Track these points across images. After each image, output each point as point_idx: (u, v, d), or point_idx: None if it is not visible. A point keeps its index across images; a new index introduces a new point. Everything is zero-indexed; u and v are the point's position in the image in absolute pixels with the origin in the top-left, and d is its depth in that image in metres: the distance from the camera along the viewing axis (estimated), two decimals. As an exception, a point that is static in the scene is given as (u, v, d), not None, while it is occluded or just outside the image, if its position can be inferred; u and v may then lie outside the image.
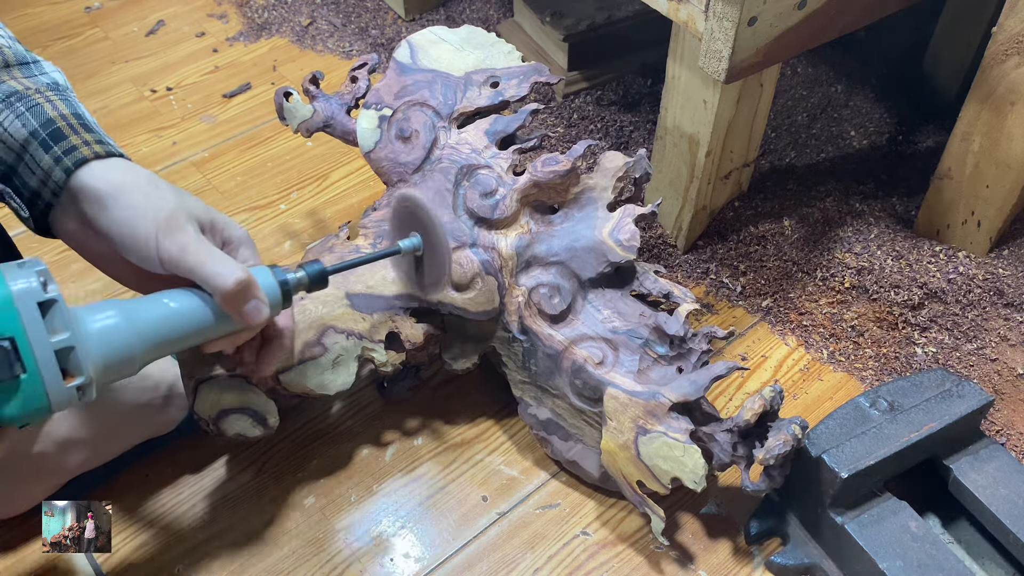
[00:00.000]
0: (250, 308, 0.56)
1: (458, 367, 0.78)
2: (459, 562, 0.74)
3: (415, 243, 0.68)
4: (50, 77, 0.60)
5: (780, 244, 0.97)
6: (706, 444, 0.69)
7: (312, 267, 0.60)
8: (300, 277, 0.60)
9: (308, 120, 0.84)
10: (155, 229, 0.53)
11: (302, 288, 0.60)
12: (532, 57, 1.20)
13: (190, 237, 0.54)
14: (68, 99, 0.58)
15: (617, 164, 0.77)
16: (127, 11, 1.35)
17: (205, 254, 0.54)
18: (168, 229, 0.54)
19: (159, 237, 0.53)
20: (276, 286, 0.58)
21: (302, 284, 0.60)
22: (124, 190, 0.54)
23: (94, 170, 0.54)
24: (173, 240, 0.53)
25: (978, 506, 0.70)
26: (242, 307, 0.55)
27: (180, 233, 0.54)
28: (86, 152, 0.55)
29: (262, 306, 0.56)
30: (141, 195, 0.54)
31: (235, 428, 0.68)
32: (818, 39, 0.80)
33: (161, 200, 0.54)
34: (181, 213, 0.55)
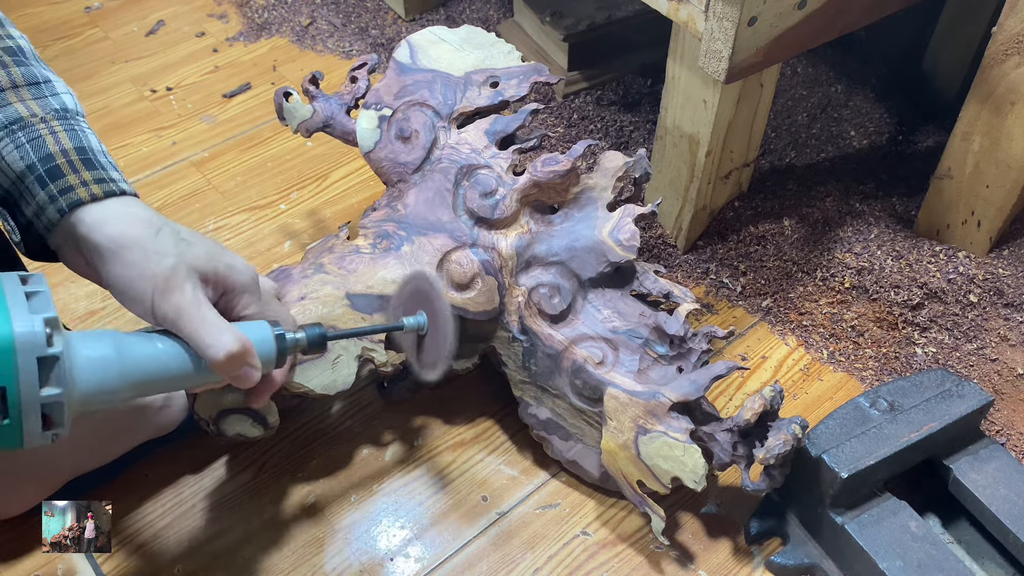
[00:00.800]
0: (241, 374, 0.55)
1: (458, 367, 0.78)
2: (459, 562, 0.74)
3: (420, 322, 0.66)
4: (60, 100, 0.58)
5: (780, 244, 0.97)
6: (706, 444, 0.69)
7: (312, 331, 0.60)
8: (299, 339, 0.59)
9: (308, 120, 0.84)
10: (152, 289, 0.53)
11: (298, 350, 0.60)
12: (532, 57, 1.20)
13: (187, 299, 0.53)
14: (74, 128, 0.57)
15: (617, 164, 0.77)
16: (127, 11, 1.35)
17: (199, 321, 0.53)
18: (165, 290, 0.53)
19: (155, 298, 0.53)
20: (272, 344, 0.57)
21: (299, 346, 0.59)
22: (123, 245, 0.53)
23: (91, 217, 0.53)
24: (169, 302, 0.53)
25: (978, 506, 0.70)
26: (233, 374, 0.55)
27: (177, 294, 0.53)
28: (82, 194, 0.53)
29: (252, 372, 0.56)
30: (140, 251, 0.53)
31: (235, 428, 0.68)
32: (818, 39, 0.80)
33: (160, 256, 0.53)
34: (180, 271, 0.54)
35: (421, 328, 0.66)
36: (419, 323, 0.66)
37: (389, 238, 0.75)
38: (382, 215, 0.78)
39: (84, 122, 0.59)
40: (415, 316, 0.66)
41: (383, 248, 0.75)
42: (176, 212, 1.03)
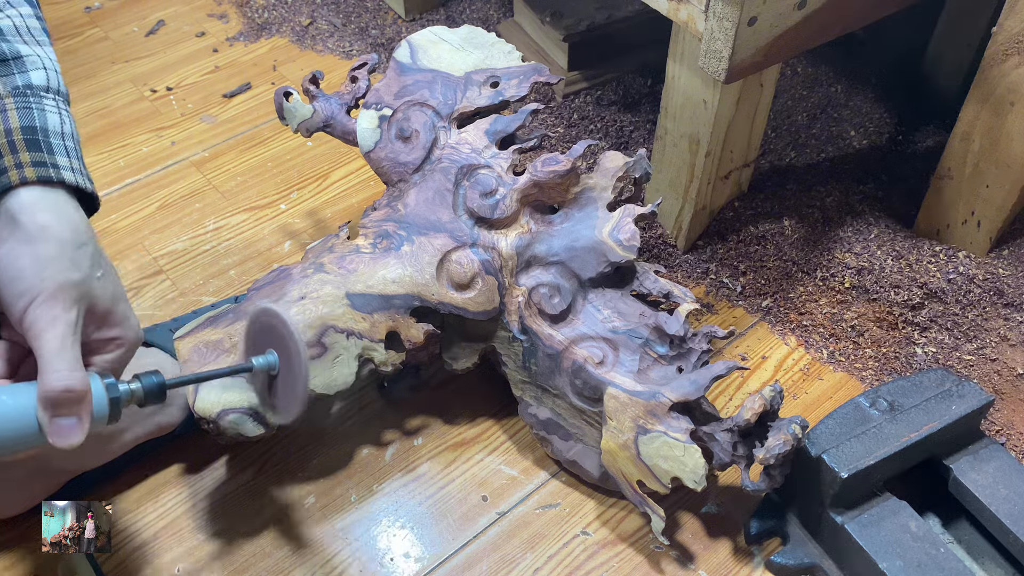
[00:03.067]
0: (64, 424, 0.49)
1: (458, 367, 0.78)
2: (459, 562, 0.74)
3: (270, 361, 0.61)
4: (27, 78, 0.55)
5: (780, 244, 0.97)
6: (706, 444, 0.69)
7: (148, 380, 0.54)
8: (134, 389, 0.53)
9: (308, 120, 0.84)
10: (39, 291, 0.48)
11: (134, 401, 0.54)
12: (532, 57, 1.20)
13: (62, 320, 0.49)
14: (31, 107, 0.53)
15: (617, 164, 0.77)
16: (127, 11, 1.35)
17: (60, 343, 0.48)
18: (50, 297, 0.49)
19: (36, 300, 0.48)
20: (104, 398, 0.51)
21: (135, 397, 0.54)
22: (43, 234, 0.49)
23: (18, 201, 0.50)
24: (45, 311, 0.48)
25: (978, 506, 0.70)
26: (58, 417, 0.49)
27: (57, 309, 0.49)
28: (13, 177, 0.50)
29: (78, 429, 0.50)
30: (54, 248, 0.49)
31: (235, 428, 0.68)
32: (818, 39, 0.80)
33: (69, 266, 0.49)
34: (77, 291, 0.50)
35: (272, 368, 0.61)
36: (269, 363, 0.61)
37: (389, 238, 0.75)
38: (382, 215, 0.78)
39: (51, 100, 0.55)
40: (265, 356, 0.61)
41: (383, 248, 0.75)
42: (176, 212, 1.03)
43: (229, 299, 0.88)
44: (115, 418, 0.53)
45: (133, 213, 1.03)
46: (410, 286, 0.73)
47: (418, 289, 0.73)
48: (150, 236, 1.00)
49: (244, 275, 0.96)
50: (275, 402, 0.63)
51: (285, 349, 0.60)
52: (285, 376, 0.61)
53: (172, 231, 1.01)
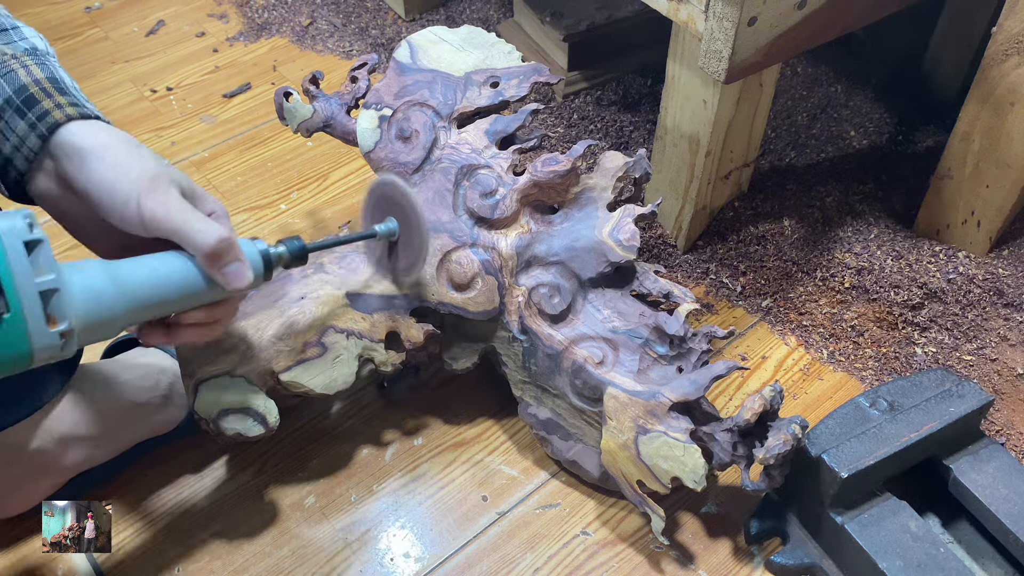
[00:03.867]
0: (232, 270, 0.54)
1: (458, 367, 0.78)
2: (459, 562, 0.74)
3: (391, 228, 0.67)
4: (29, 43, 0.59)
5: (780, 244, 0.97)
6: (706, 444, 0.69)
7: (292, 243, 0.60)
8: (281, 252, 0.59)
9: (308, 120, 0.84)
10: (138, 188, 0.52)
11: (282, 262, 0.60)
12: (532, 57, 1.20)
13: (173, 198, 0.53)
14: (45, 63, 0.57)
15: (617, 164, 0.77)
16: (127, 11, 1.35)
17: (189, 213, 0.53)
18: (151, 189, 0.52)
19: (142, 196, 0.52)
20: (258, 256, 0.57)
21: (282, 258, 0.59)
22: (108, 148, 0.53)
23: (72, 130, 0.54)
24: (156, 199, 0.52)
25: (978, 506, 0.70)
26: (224, 267, 0.54)
27: (163, 193, 0.53)
28: (58, 116, 0.54)
29: (244, 269, 0.55)
30: (125, 154, 0.53)
31: (235, 428, 0.68)
32: (818, 39, 0.80)
33: (145, 161, 0.54)
34: (165, 177, 0.54)
35: (393, 234, 0.67)
36: (390, 229, 0.67)
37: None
38: (382, 215, 0.78)
39: (55, 60, 0.59)
40: (385, 223, 0.67)
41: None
42: (176, 212, 1.03)
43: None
44: (268, 276, 0.58)
45: (133, 213, 1.03)
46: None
47: (418, 289, 0.73)
48: (150, 236, 1.00)
49: (244, 275, 0.96)
50: (397, 265, 0.69)
51: (404, 215, 0.66)
52: (404, 239, 0.67)
53: (172, 231, 1.01)
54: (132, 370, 0.75)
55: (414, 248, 0.67)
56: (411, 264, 0.68)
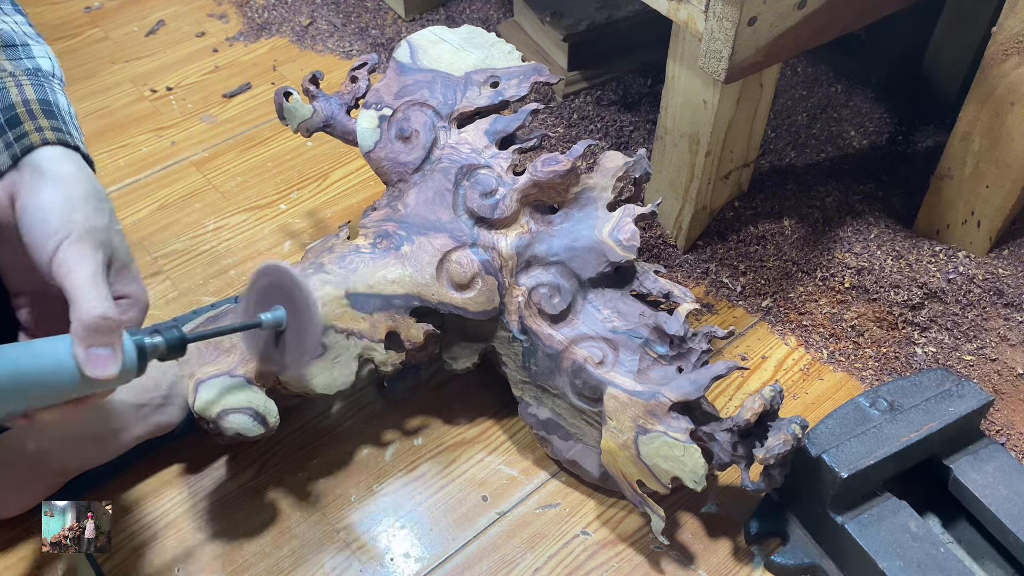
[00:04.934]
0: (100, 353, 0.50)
1: (458, 367, 0.78)
2: (459, 562, 0.74)
3: (278, 317, 0.63)
4: (35, 62, 0.57)
5: (780, 244, 0.97)
6: (706, 444, 0.69)
7: (170, 333, 0.55)
8: (157, 343, 0.54)
9: (308, 120, 0.84)
10: (67, 232, 0.50)
11: (157, 354, 0.55)
12: (532, 57, 1.20)
13: (91, 258, 0.50)
14: (43, 85, 0.56)
15: (617, 164, 0.77)
16: (127, 11, 1.35)
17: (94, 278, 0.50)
18: (79, 238, 0.50)
19: (67, 240, 0.50)
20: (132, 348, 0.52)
21: (158, 349, 0.54)
22: (69, 180, 0.51)
23: (42, 156, 0.52)
24: (74, 250, 0.50)
25: (978, 506, 0.70)
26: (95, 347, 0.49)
27: (87, 249, 0.50)
28: (35, 139, 0.52)
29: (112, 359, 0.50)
30: (80, 196, 0.51)
31: (235, 428, 0.67)
32: (818, 39, 0.80)
33: (94, 211, 0.51)
34: (101, 236, 0.51)
35: (280, 324, 0.63)
36: (277, 318, 0.63)
37: (389, 238, 0.76)
38: (382, 215, 0.78)
39: (58, 84, 0.58)
40: (272, 312, 0.63)
41: (383, 248, 0.75)
42: (176, 212, 1.03)
43: (229, 299, 0.89)
44: (142, 370, 0.54)
45: (133, 213, 1.03)
46: (410, 286, 0.73)
47: (418, 289, 0.73)
48: (150, 236, 1.00)
49: (244, 275, 0.96)
50: (284, 357, 0.64)
51: (293, 304, 0.62)
52: (294, 330, 0.63)
53: (172, 231, 1.01)
54: None
55: (303, 339, 0.62)
56: (299, 356, 0.63)
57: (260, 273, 0.65)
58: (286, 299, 0.63)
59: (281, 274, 0.63)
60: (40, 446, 0.68)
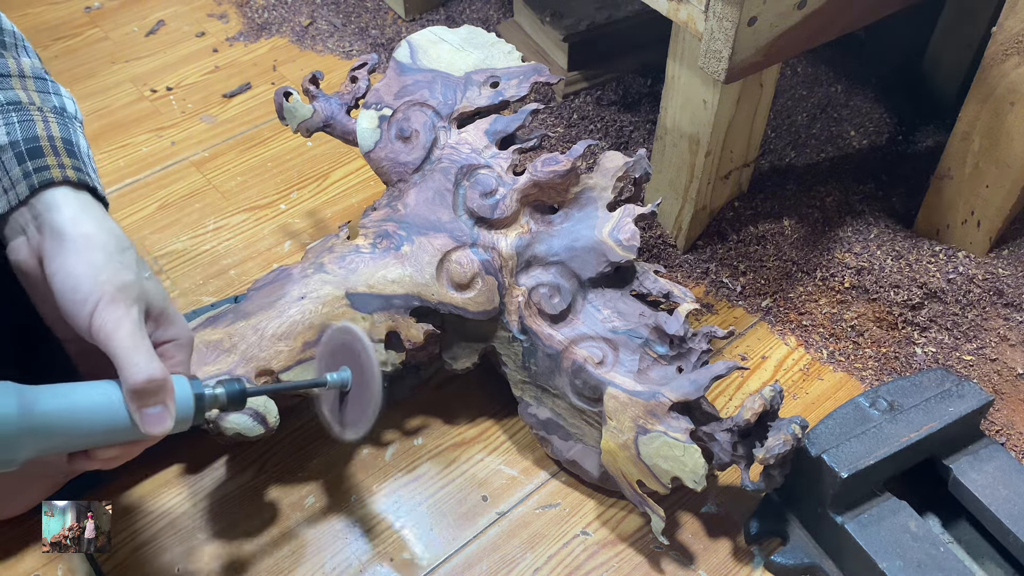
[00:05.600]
0: (153, 412, 0.51)
1: (458, 367, 0.78)
2: (459, 562, 0.74)
3: (344, 378, 0.62)
4: (61, 100, 0.58)
5: (780, 244, 0.97)
6: (706, 444, 0.69)
7: (231, 386, 0.56)
8: (219, 394, 0.55)
9: (308, 120, 0.84)
10: (99, 295, 0.50)
11: (217, 405, 0.55)
12: (532, 57, 1.20)
13: (128, 318, 0.50)
14: (67, 126, 0.56)
15: (617, 164, 0.77)
16: (127, 11, 1.35)
17: (136, 340, 0.50)
18: (111, 300, 0.50)
19: (100, 304, 0.50)
20: (190, 397, 0.53)
21: (218, 401, 0.55)
22: (87, 241, 0.51)
23: (62, 201, 0.52)
24: (110, 314, 0.50)
25: (978, 506, 0.70)
26: (145, 408, 0.51)
27: (121, 309, 0.50)
28: (56, 174, 0.52)
29: (167, 415, 0.51)
30: (103, 254, 0.51)
31: (235, 428, 0.68)
32: (818, 39, 0.80)
33: (121, 268, 0.51)
34: (134, 291, 0.51)
35: (345, 385, 0.63)
36: (343, 379, 0.62)
37: (389, 238, 0.76)
38: (382, 215, 0.78)
39: (79, 127, 0.58)
40: (339, 372, 0.63)
41: (383, 248, 0.75)
42: (176, 212, 1.03)
43: (229, 299, 0.89)
44: (200, 418, 0.54)
45: (133, 213, 1.03)
46: (410, 286, 0.73)
47: (418, 289, 0.73)
48: (150, 236, 1.00)
49: (244, 275, 0.96)
50: (344, 418, 0.64)
51: (359, 367, 0.62)
52: (357, 393, 0.62)
53: (172, 231, 1.01)
54: None
55: (364, 403, 0.62)
56: (359, 420, 0.63)
57: (333, 332, 0.64)
58: (355, 361, 0.62)
59: (352, 336, 0.62)
60: None
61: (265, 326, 0.70)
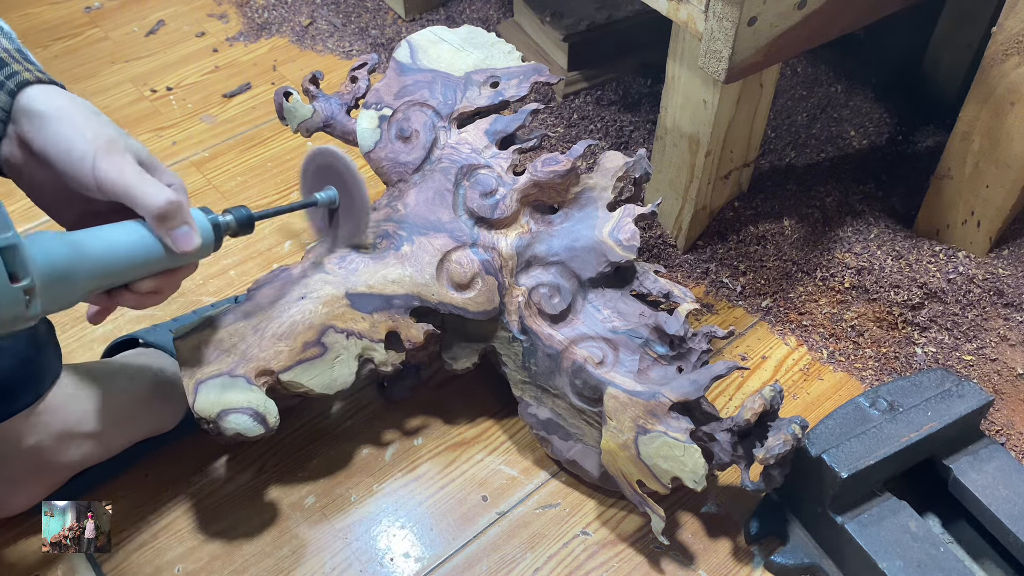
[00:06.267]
0: (181, 232, 0.57)
1: (458, 367, 0.78)
2: (459, 562, 0.74)
3: (331, 195, 0.71)
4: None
5: (780, 244, 0.97)
6: (706, 444, 0.69)
7: (239, 211, 0.63)
8: (228, 220, 0.63)
9: (308, 120, 0.84)
10: (94, 149, 0.54)
11: (230, 231, 0.63)
12: (532, 57, 1.20)
13: (127, 162, 0.55)
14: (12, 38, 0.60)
15: (617, 164, 0.77)
16: (127, 11, 1.35)
17: (140, 177, 0.55)
18: (107, 151, 0.54)
19: (97, 157, 0.54)
20: (207, 223, 0.60)
21: (230, 226, 0.63)
22: (67, 110, 0.55)
23: (36, 93, 0.55)
24: (111, 162, 0.54)
25: (978, 506, 0.70)
26: (173, 230, 0.57)
27: (118, 156, 0.55)
28: (28, 76, 0.55)
29: (192, 233, 0.58)
30: (83, 117, 0.55)
31: (235, 428, 0.67)
32: (818, 39, 0.80)
33: (103, 126, 0.55)
34: (120, 142, 0.55)
35: (333, 202, 0.71)
36: (330, 197, 0.71)
37: (389, 238, 0.76)
38: (382, 215, 0.78)
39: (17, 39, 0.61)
40: (325, 191, 0.71)
41: (383, 248, 0.75)
42: (176, 212, 1.03)
43: (229, 299, 0.89)
44: (218, 245, 0.62)
45: (133, 213, 1.03)
46: (410, 286, 0.73)
47: (418, 289, 0.73)
48: (150, 236, 1.00)
49: (244, 275, 0.96)
50: (337, 232, 0.73)
51: (343, 183, 0.70)
52: (346, 206, 0.71)
53: (172, 231, 1.01)
54: (130, 367, 0.75)
55: (355, 213, 0.71)
56: (352, 230, 0.72)
57: (311, 156, 0.72)
58: (337, 179, 0.70)
59: (331, 155, 0.70)
60: (39, 442, 0.68)
61: (265, 326, 0.70)
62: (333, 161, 0.70)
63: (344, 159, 0.69)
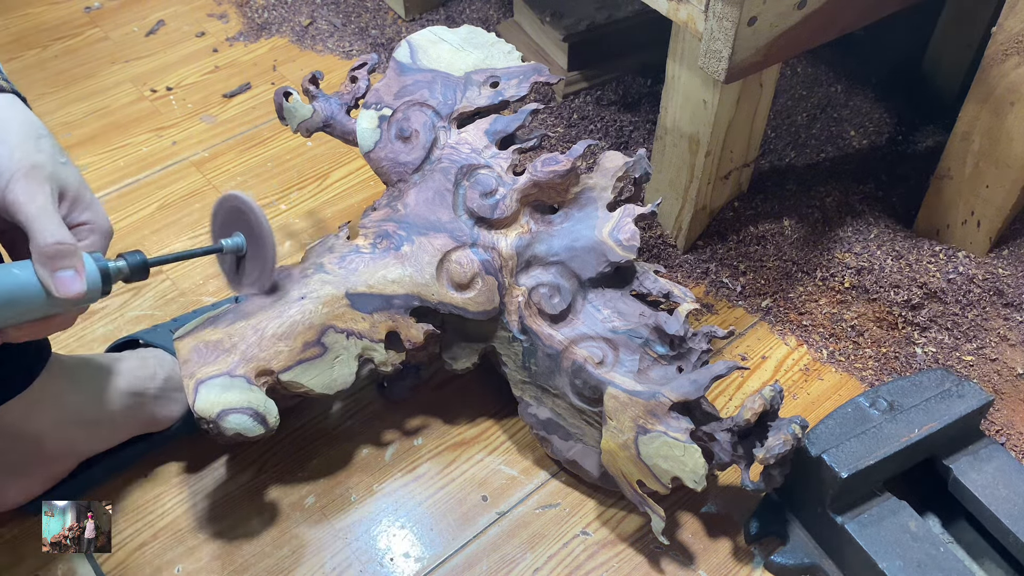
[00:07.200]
0: (65, 275, 0.53)
1: (458, 367, 0.78)
2: (459, 562, 0.74)
3: (238, 242, 0.69)
4: None
5: (780, 244, 0.97)
6: (706, 444, 0.69)
7: (133, 256, 0.60)
8: (120, 265, 0.59)
9: (308, 120, 0.84)
10: (13, 170, 0.52)
11: (121, 276, 0.60)
12: (532, 57, 1.20)
13: (40, 192, 0.53)
14: None
15: (617, 164, 0.77)
16: (127, 11, 1.35)
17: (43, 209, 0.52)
18: (26, 175, 0.52)
19: (13, 179, 0.52)
20: (95, 269, 0.57)
21: (121, 272, 0.59)
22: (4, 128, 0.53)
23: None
24: (25, 187, 0.52)
25: (978, 506, 0.70)
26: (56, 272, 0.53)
27: (35, 184, 0.52)
28: None
29: (78, 279, 0.54)
30: (20, 136, 0.53)
31: (235, 428, 0.67)
32: (818, 39, 0.80)
33: (36, 151, 0.53)
34: (45, 171, 0.53)
35: (239, 249, 0.69)
36: (237, 244, 0.69)
37: (389, 238, 0.76)
38: (382, 215, 0.78)
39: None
40: (232, 238, 0.69)
41: (383, 248, 0.75)
42: (176, 212, 1.03)
43: (229, 299, 0.89)
44: (107, 291, 0.58)
45: (133, 213, 1.03)
46: (410, 286, 0.73)
47: (418, 289, 0.73)
48: (150, 236, 1.00)
49: (244, 275, 0.96)
50: (244, 279, 0.71)
51: (250, 229, 0.69)
52: (253, 253, 0.69)
53: (172, 231, 1.01)
54: (129, 359, 0.75)
55: (261, 261, 0.69)
56: (258, 278, 0.70)
57: (221, 201, 0.70)
58: (244, 225, 0.69)
59: (239, 201, 0.68)
60: (37, 431, 0.68)
61: (265, 326, 0.70)
62: (242, 206, 0.68)
63: (252, 206, 0.67)
